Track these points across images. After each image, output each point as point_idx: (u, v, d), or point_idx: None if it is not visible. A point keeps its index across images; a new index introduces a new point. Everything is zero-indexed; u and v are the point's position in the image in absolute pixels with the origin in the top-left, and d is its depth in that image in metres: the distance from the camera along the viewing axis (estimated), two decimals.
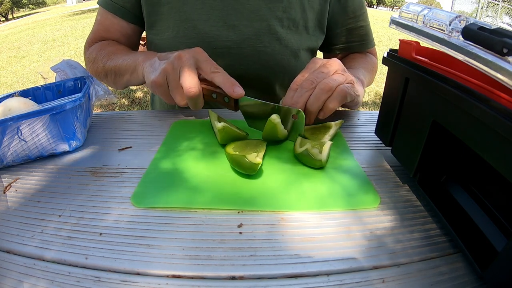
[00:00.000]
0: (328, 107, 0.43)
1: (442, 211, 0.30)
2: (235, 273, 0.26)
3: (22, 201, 0.34)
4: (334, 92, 0.42)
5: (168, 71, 0.42)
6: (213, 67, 0.42)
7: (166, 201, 0.33)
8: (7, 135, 0.37)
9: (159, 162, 0.40)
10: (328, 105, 0.42)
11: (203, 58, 0.43)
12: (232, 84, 0.41)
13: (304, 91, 0.42)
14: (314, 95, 0.42)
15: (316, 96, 0.42)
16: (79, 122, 0.42)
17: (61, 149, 0.42)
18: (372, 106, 2.55)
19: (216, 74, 0.42)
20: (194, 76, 0.41)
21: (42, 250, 0.28)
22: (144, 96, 2.62)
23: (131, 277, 0.26)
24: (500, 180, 0.25)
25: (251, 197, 0.34)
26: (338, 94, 0.42)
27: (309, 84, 0.42)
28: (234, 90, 0.41)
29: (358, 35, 0.65)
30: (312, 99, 0.42)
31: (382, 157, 0.42)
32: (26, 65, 3.94)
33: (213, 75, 0.42)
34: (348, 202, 0.33)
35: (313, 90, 0.42)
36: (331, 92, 0.42)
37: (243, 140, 0.42)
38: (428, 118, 0.31)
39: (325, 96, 0.42)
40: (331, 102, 0.42)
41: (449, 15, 0.29)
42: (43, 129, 0.39)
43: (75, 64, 0.52)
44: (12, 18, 14.15)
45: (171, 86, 0.43)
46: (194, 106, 0.44)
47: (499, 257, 0.23)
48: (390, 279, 0.26)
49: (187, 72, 0.41)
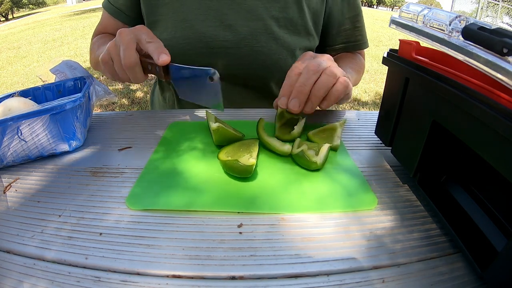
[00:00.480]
0: (333, 95, 0.42)
1: (442, 211, 0.30)
2: (235, 273, 0.26)
3: (22, 201, 0.34)
4: (338, 82, 0.42)
5: (111, 48, 0.43)
6: (149, 37, 0.42)
7: (162, 204, 0.33)
8: (7, 135, 0.37)
9: (155, 164, 0.40)
10: (334, 93, 0.42)
11: (142, 31, 0.43)
12: (160, 51, 0.41)
13: (311, 73, 0.41)
14: (321, 80, 0.41)
15: (323, 81, 0.41)
16: (79, 122, 0.42)
17: (61, 149, 0.42)
18: (372, 106, 2.55)
19: (149, 43, 0.42)
20: (131, 48, 0.42)
21: (42, 250, 0.28)
22: (144, 96, 2.62)
23: (131, 277, 0.26)
24: (500, 180, 0.25)
25: (250, 199, 0.34)
26: (341, 83, 0.42)
27: (316, 67, 0.41)
28: (159, 57, 0.40)
29: (354, 36, 0.65)
30: (319, 84, 0.41)
31: (382, 157, 0.42)
32: (26, 65, 3.94)
33: (148, 45, 0.42)
34: (346, 203, 0.33)
35: (319, 74, 0.41)
36: (335, 80, 0.41)
37: (235, 143, 0.41)
38: (428, 118, 0.31)
39: (331, 82, 0.41)
40: (337, 91, 0.42)
41: (449, 15, 0.29)
42: (43, 129, 0.39)
43: (75, 64, 0.52)
44: (12, 18, 14.15)
45: (114, 61, 0.44)
46: (134, 79, 0.44)
47: (499, 257, 0.23)
48: (390, 279, 0.26)
49: (125, 45, 0.42)
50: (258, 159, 0.40)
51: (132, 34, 0.42)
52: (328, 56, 0.45)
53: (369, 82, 3.06)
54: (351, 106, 2.55)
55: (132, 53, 0.42)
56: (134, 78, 0.44)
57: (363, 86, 2.91)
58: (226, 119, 0.50)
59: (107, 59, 0.45)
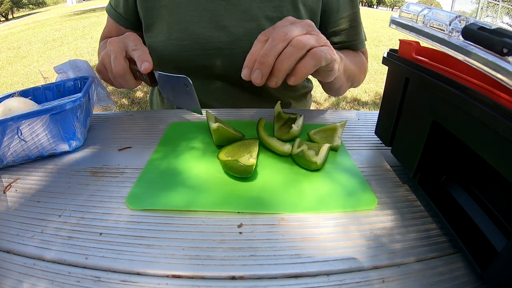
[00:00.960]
0: (301, 70, 0.37)
1: (442, 211, 0.30)
2: (235, 273, 0.26)
3: (22, 201, 0.34)
4: (308, 54, 0.37)
5: (104, 57, 0.45)
6: (134, 45, 0.43)
7: (162, 204, 0.33)
8: (7, 135, 0.37)
9: (154, 164, 0.40)
10: (301, 68, 0.37)
11: (130, 38, 0.44)
12: (143, 59, 0.41)
13: (276, 42, 0.36)
14: (285, 52, 0.36)
15: (288, 53, 0.36)
16: (79, 122, 0.42)
17: (61, 149, 0.42)
18: (372, 106, 2.55)
19: (134, 51, 0.42)
20: (120, 57, 0.43)
21: (42, 250, 0.28)
22: (144, 96, 2.62)
23: (131, 277, 0.26)
24: (500, 180, 0.25)
25: (250, 199, 0.34)
26: (312, 56, 0.37)
27: (282, 36, 0.36)
28: (142, 65, 0.41)
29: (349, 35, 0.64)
30: (283, 56, 0.36)
31: (382, 157, 0.42)
32: (26, 65, 3.94)
33: (133, 53, 0.42)
34: (346, 203, 0.33)
35: (286, 44, 0.36)
36: (304, 52, 0.36)
37: (235, 143, 0.41)
38: (428, 118, 0.31)
39: (297, 54, 0.36)
40: (305, 66, 0.37)
41: (449, 15, 0.29)
42: (43, 129, 0.39)
43: (81, 65, 0.51)
44: (12, 18, 14.15)
45: (108, 70, 0.45)
46: (126, 86, 0.46)
47: (499, 257, 0.23)
48: (390, 279, 0.26)
49: (114, 54, 0.43)
50: (258, 159, 0.40)
51: (121, 43, 0.43)
52: (309, 22, 0.40)
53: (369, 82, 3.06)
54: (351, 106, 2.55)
55: (121, 62, 0.43)
56: (126, 85, 0.46)
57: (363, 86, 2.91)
58: (226, 119, 0.50)
59: (101, 68, 0.46)
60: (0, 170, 0.40)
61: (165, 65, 0.59)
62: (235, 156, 0.37)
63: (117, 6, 0.63)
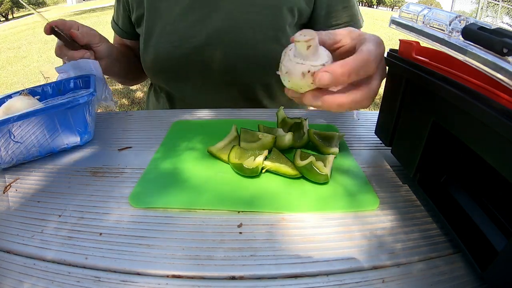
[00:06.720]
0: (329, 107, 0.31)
1: (442, 211, 0.30)
2: (235, 273, 0.26)
3: (22, 201, 0.34)
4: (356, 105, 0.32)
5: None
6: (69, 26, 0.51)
7: (165, 202, 0.33)
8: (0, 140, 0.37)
9: (158, 162, 0.40)
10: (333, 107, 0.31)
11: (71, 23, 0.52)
12: None
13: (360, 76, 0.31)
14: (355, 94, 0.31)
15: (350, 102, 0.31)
16: (91, 116, 0.44)
17: (72, 143, 0.43)
18: (372, 106, 2.55)
19: None
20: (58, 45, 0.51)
21: (42, 250, 0.28)
22: (144, 96, 2.62)
23: (131, 277, 0.26)
24: (500, 180, 0.25)
25: (251, 198, 0.34)
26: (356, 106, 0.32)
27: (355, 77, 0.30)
28: None
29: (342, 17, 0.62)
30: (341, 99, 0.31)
31: (382, 157, 0.42)
32: (26, 65, 3.94)
33: None
34: (348, 204, 0.33)
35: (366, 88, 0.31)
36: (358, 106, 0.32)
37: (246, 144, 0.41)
38: (428, 118, 0.31)
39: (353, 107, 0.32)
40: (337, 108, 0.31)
41: (449, 15, 0.29)
42: (42, 129, 0.39)
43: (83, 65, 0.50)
44: (12, 18, 14.14)
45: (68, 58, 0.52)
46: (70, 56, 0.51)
47: (499, 257, 0.23)
48: (390, 279, 0.26)
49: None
50: None
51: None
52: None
53: None
54: None
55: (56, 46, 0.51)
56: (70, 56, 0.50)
57: None
58: (226, 118, 0.50)
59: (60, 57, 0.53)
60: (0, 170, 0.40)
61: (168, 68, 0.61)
62: (243, 158, 0.37)
63: (117, 19, 0.70)
